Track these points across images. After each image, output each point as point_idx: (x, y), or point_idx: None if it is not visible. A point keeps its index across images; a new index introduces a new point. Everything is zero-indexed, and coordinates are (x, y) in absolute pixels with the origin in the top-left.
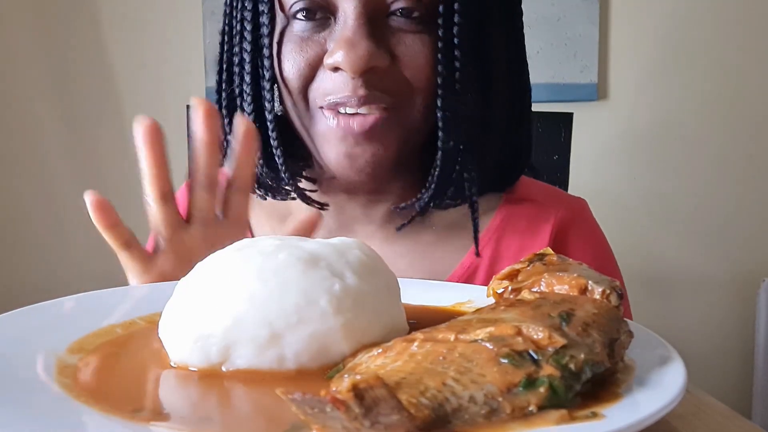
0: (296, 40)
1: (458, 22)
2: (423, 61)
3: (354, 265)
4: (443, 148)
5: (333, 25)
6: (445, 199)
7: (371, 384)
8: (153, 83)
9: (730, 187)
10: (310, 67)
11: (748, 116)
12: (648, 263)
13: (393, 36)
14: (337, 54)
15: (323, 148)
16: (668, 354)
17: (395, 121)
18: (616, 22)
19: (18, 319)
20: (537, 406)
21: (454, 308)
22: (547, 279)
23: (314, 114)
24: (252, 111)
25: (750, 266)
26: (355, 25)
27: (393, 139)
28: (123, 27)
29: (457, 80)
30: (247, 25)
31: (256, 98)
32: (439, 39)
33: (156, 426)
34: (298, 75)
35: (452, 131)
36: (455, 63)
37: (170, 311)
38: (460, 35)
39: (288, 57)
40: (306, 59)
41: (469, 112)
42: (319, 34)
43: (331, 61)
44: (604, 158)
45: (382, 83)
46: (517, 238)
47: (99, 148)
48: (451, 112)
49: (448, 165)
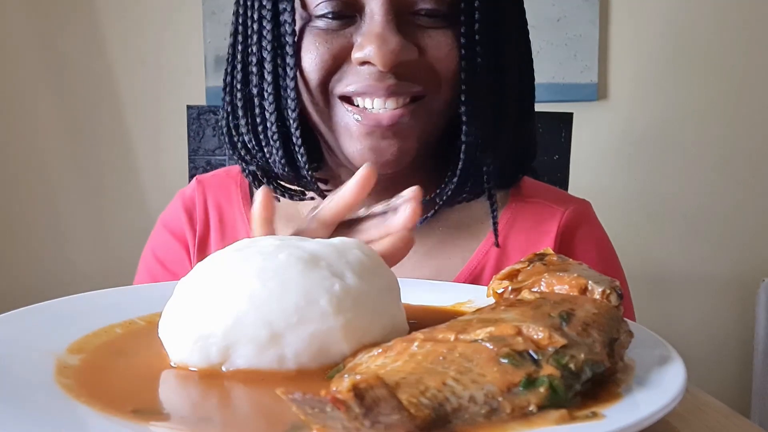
0: (320, 33)
1: (479, 19)
2: (447, 53)
3: (354, 265)
4: (467, 141)
5: (359, 21)
6: (463, 193)
7: (371, 384)
8: (153, 83)
9: (730, 187)
10: (334, 60)
11: (749, 116)
12: (648, 263)
13: (418, 31)
14: (367, 48)
15: (346, 142)
16: (668, 354)
17: (419, 114)
18: (616, 22)
19: (18, 319)
20: (537, 405)
21: (454, 308)
22: (547, 279)
23: (334, 107)
24: (274, 110)
25: (750, 266)
26: (384, 20)
27: (417, 132)
28: (123, 26)
29: (479, 74)
30: (267, 25)
31: (277, 97)
32: (462, 35)
33: (156, 426)
34: (321, 66)
35: (475, 124)
36: (477, 58)
37: (170, 311)
38: (481, 31)
39: (310, 49)
40: (330, 51)
41: (488, 104)
42: (344, 29)
43: (361, 55)
44: (604, 158)
45: (411, 74)
46: (523, 237)
47: (99, 148)
48: (474, 105)
49: (470, 157)
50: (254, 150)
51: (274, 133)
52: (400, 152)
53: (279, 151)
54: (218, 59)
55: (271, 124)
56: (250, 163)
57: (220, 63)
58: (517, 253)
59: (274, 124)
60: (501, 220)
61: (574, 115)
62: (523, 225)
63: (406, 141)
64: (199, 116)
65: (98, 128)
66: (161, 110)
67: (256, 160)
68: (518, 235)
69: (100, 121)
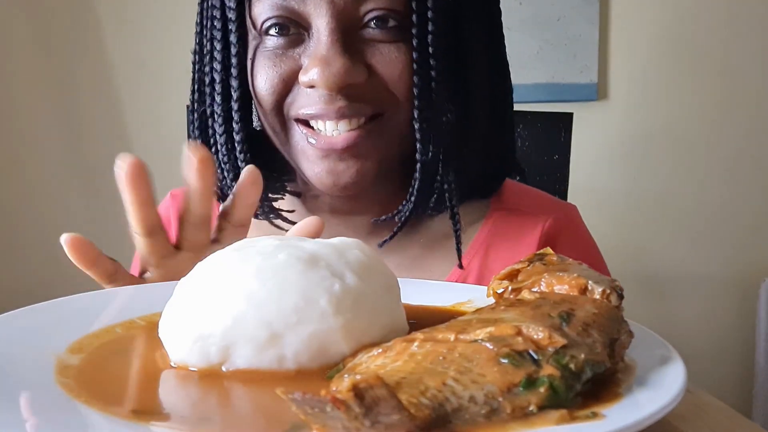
0: (269, 55)
1: (432, 31)
2: (400, 70)
3: (354, 265)
4: (422, 160)
5: (307, 40)
6: (427, 210)
7: (371, 384)
8: (153, 83)
9: (730, 187)
10: (284, 83)
11: (748, 116)
12: (648, 263)
13: (368, 48)
14: (312, 71)
15: (304, 164)
16: (668, 354)
17: (376, 133)
18: (616, 22)
19: (18, 319)
20: (537, 406)
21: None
22: (547, 279)
23: (290, 129)
24: (224, 132)
25: (750, 266)
26: (329, 41)
27: (375, 152)
28: (123, 27)
29: (434, 90)
30: (217, 45)
31: (227, 118)
32: (414, 49)
33: (156, 426)
34: (272, 91)
35: (430, 142)
36: (431, 73)
37: (170, 311)
38: (435, 44)
39: (261, 72)
40: (280, 75)
41: (447, 121)
42: (293, 50)
43: (306, 79)
44: (604, 158)
45: (362, 95)
46: (504, 249)
47: (99, 148)
48: (429, 123)
49: (427, 176)
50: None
51: (224, 156)
52: (358, 174)
53: (230, 174)
54: None
55: (222, 146)
56: None
57: None
58: (498, 265)
59: (223, 146)
60: (480, 233)
61: (573, 115)
62: (505, 236)
63: (365, 162)
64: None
65: (98, 128)
66: (161, 110)
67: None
68: (499, 247)
69: (100, 121)
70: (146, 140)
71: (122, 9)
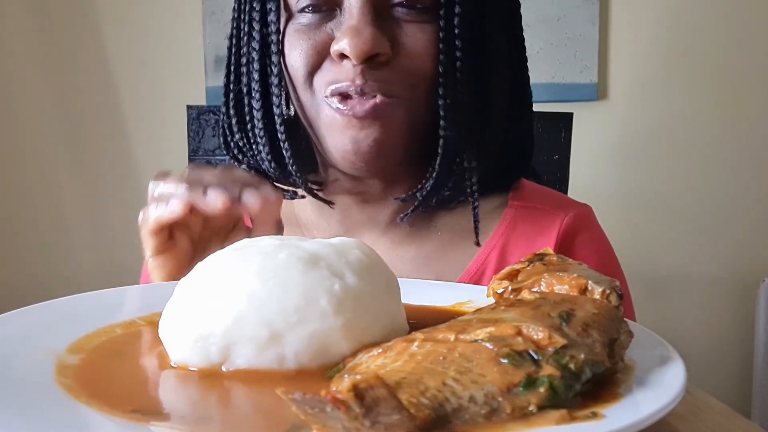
0: (303, 29)
1: (458, 12)
2: (423, 51)
3: (354, 265)
4: (444, 135)
5: (339, 16)
6: (445, 191)
7: (371, 384)
8: (153, 83)
9: (730, 187)
10: (317, 54)
11: (748, 115)
12: (648, 263)
13: (396, 26)
14: (342, 41)
15: (328, 138)
16: (668, 354)
17: (398, 107)
18: (616, 22)
19: (18, 319)
20: (537, 406)
21: (454, 308)
22: (547, 279)
23: (320, 104)
24: (261, 107)
25: (750, 266)
26: (360, 14)
27: (396, 125)
28: (123, 27)
29: (458, 69)
30: (255, 25)
31: (264, 94)
32: (441, 29)
33: (156, 426)
34: (305, 62)
35: (453, 118)
36: (456, 52)
37: (170, 311)
38: (461, 25)
39: (294, 45)
40: (314, 46)
41: (469, 101)
42: (326, 24)
43: (337, 48)
44: (604, 158)
45: (382, 74)
46: (522, 243)
47: (99, 148)
48: (452, 99)
49: (449, 153)
50: (245, 148)
51: (261, 130)
52: (377, 143)
53: (266, 147)
54: (218, 59)
55: (258, 121)
56: (242, 162)
57: (219, 63)
58: (516, 259)
59: (260, 121)
60: (499, 227)
61: (573, 115)
62: (523, 231)
63: (384, 132)
64: (199, 116)
65: (98, 128)
66: (161, 110)
67: (247, 158)
68: (518, 240)
69: (100, 121)
70: (146, 140)
71: (122, 9)
